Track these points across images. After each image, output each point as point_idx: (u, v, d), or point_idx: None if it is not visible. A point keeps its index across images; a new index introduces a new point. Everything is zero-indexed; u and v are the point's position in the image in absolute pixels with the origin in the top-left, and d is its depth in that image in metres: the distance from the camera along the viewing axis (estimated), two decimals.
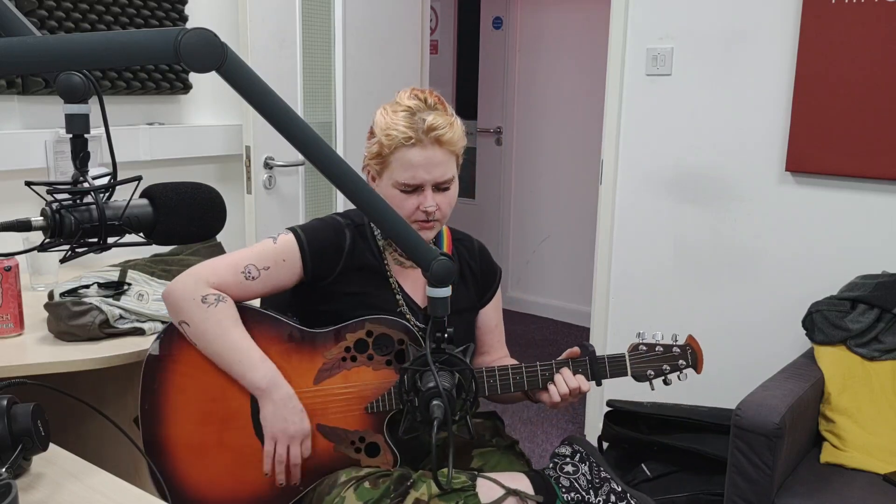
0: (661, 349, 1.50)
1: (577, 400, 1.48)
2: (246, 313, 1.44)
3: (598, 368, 1.48)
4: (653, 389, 1.51)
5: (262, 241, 1.49)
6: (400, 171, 1.44)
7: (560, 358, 1.49)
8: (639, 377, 1.49)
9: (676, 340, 1.51)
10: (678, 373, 1.51)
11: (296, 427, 1.38)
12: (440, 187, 1.46)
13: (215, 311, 1.38)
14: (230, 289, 1.42)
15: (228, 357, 1.39)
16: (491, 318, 1.67)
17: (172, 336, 1.44)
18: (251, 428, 1.44)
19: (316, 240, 1.48)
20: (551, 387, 1.46)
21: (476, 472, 1.39)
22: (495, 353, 1.69)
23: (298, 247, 1.46)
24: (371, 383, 1.43)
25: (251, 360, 1.38)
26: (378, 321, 1.43)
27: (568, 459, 1.46)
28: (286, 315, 1.50)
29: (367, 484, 1.35)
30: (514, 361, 1.56)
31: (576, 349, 1.49)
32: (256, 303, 1.54)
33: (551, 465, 1.47)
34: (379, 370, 1.43)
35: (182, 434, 1.44)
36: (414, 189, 1.44)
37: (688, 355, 1.51)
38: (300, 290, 1.51)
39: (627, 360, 1.49)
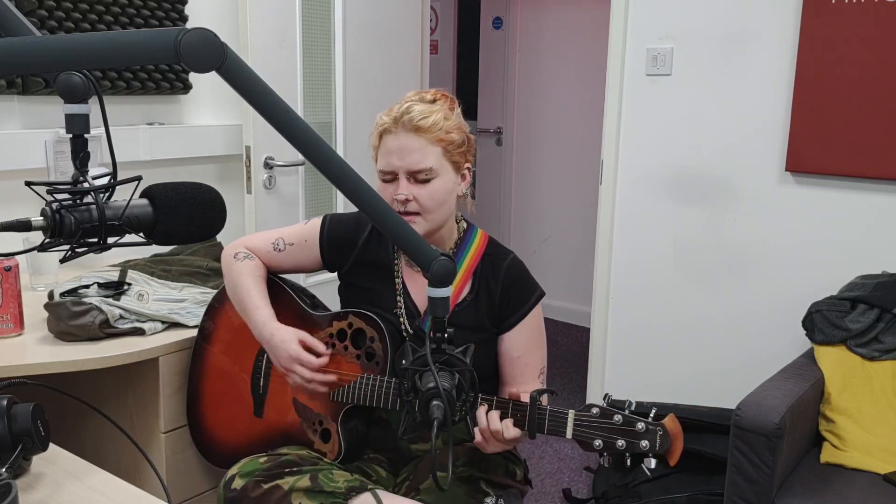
0: (620, 419, 1.23)
1: (508, 446, 1.35)
2: (269, 283, 1.59)
3: (537, 419, 1.29)
4: (604, 466, 1.26)
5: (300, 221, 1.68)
6: (380, 159, 1.46)
7: (503, 396, 1.36)
8: (584, 444, 1.27)
9: (651, 416, 1.24)
10: (643, 457, 1.22)
11: (283, 361, 1.45)
12: (417, 178, 1.42)
13: (241, 264, 1.57)
14: (260, 254, 1.61)
15: (239, 302, 1.55)
16: (513, 346, 1.51)
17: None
18: (248, 385, 1.61)
19: (335, 230, 1.58)
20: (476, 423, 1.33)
21: (370, 485, 1.34)
22: (517, 386, 1.52)
23: (319, 233, 1.58)
24: (340, 373, 1.47)
25: (250, 305, 1.51)
26: (359, 316, 1.47)
27: None
28: (302, 292, 1.62)
29: (262, 459, 1.40)
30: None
31: (516, 392, 1.36)
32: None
33: None
34: (349, 363, 1.47)
35: (209, 378, 1.66)
36: (392, 178, 1.44)
37: (656, 437, 1.21)
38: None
39: (570, 420, 1.27)
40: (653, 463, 1.23)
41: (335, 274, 1.63)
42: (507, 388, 1.55)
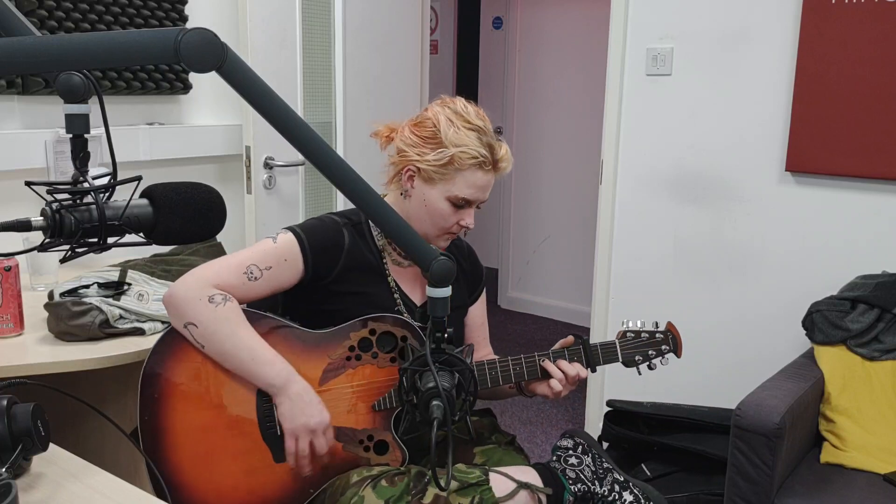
0: (647, 335, 1.59)
1: (574, 388, 1.53)
2: (247, 316, 1.42)
3: (592, 355, 1.55)
4: (640, 374, 1.62)
5: (261, 241, 1.47)
6: (463, 188, 1.48)
7: (555, 347, 1.55)
8: (628, 363, 1.58)
9: (657, 327, 1.61)
10: (661, 357, 1.60)
11: (315, 420, 1.37)
12: (478, 206, 1.56)
13: (224, 310, 1.36)
14: (234, 290, 1.40)
15: (239, 356, 1.37)
16: (477, 315, 1.72)
17: (171, 343, 1.40)
18: (258, 433, 1.41)
19: (316, 239, 1.47)
20: (551, 375, 1.51)
21: (487, 468, 1.41)
22: (481, 349, 1.74)
23: (299, 246, 1.45)
24: (377, 381, 1.44)
25: (264, 358, 1.37)
26: (380, 319, 1.44)
27: (571, 452, 1.50)
28: (284, 318, 1.48)
29: (384, 482, 1.35)
30: (499, 357, 1.58)
31: (570, 338, 1.56)
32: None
33: (555, 457, 1.51)
34: (384, 367, 1.44)
35: (186, 444, 1.39)
36: (464, 205, 1.51)
37: (669, 340, 1.60)
38: (297, 291, 1.50)
39: (618, 347, 1.57)
40: (669, 359, 1.60)
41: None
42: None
